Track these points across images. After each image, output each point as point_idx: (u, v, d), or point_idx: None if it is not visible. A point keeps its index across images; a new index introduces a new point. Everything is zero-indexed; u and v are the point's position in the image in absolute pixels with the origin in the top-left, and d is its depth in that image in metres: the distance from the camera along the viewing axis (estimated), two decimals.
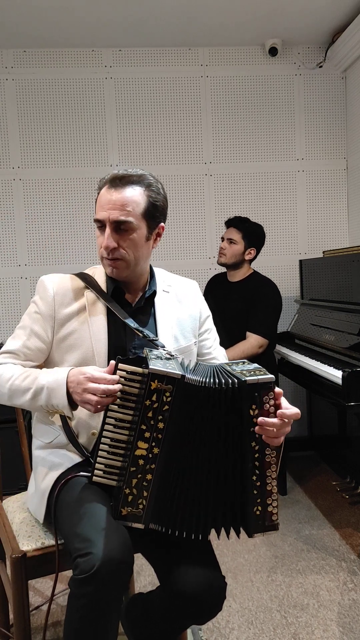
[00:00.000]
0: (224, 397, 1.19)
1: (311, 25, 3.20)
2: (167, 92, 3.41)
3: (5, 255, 3.36)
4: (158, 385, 1.16)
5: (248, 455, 1.19)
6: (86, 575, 1.07)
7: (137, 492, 1.18)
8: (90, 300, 1.43)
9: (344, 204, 3.56)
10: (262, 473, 1.20)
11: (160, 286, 1.52)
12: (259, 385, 1.18)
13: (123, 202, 1.36)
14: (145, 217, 1.40)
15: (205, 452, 1.20)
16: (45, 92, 3.34)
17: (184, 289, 1.57)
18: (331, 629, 1.79)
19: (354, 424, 2.80)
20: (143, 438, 1.18)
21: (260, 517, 1.20)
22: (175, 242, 3.46)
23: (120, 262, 1.40)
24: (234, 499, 1.21)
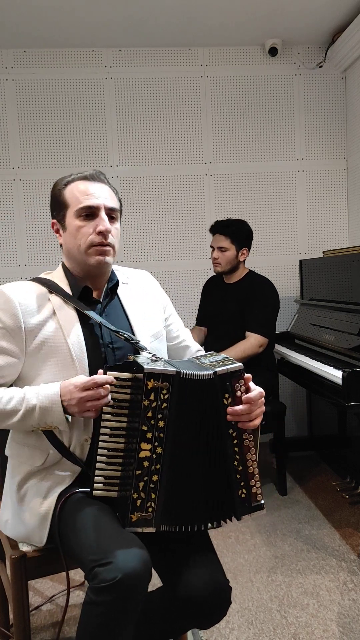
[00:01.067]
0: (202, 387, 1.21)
1: (311, 25, 3.20)
2: (167, 92, 3.41)
3: (5, 255, 3.37)
4: (155, 384, 1.17)
5: (227, 442, 1.22)
6: (107, 585, 1.06)
7: (146, 496, 1.18)
8: (57, 304, 1.38)
9: (344, 204, 3.56)
10: (243, 457, 1.23)
11: (120, 278, 1.51)
12: (228, 374, 1.22)
13: (109, 192, 1.41)
14: (120, 213, 1.46)
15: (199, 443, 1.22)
16: (45, 92, 3.34)
17: (140, 280, 1.58)
18: (331, 629, 1.79)
19: (354, 424, 2.80)
20: (145, 439, 1.18)
21: (245, 499, 1.23)
22: (176, 242, 3.46)
23: (110, 249, 1.40)
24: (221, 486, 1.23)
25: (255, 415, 1.24)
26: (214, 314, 2.97)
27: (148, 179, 3.43)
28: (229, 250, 2.82)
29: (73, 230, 1.39)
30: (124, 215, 3.39)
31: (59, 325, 1.36)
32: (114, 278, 1.49)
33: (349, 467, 2.83)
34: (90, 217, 1.37)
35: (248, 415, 1.23)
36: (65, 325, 1.36)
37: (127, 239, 3.44)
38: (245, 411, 1.22)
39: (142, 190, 3.43)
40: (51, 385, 1.29)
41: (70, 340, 1.35)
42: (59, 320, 1.36)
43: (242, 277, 2.90)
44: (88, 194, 1.37)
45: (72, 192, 1.39)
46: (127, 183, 3.42)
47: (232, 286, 2.91)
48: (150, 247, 3.46)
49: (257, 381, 2.98)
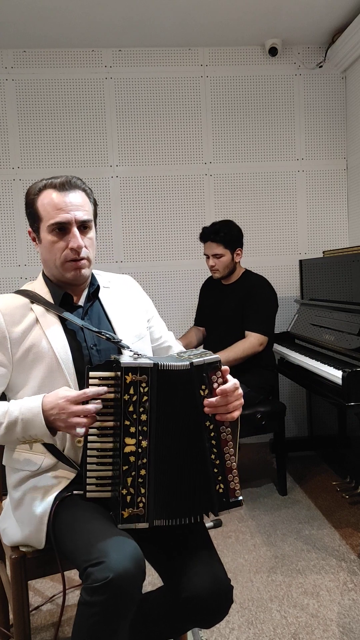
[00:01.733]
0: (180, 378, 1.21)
1: (311, 25, 3.20)
2: (167, 92, 3.41)
3: (5, 255, 3.37)
4: (133, 377, 1.18)
5: (204, 434, 1.22)
6: (99, 585, 1.06)
7: (135, 491, 1.18)
8: (40, 313, 1.40)
9: (344, 204, 3.56)
10: (220, 451, 1.22)
11: (100, 283, 1.53)
12: (205, 365, 1.21)
13: (81, 203, 1.39)
14: (94, 217, 1.46)
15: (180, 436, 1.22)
16: (45, 92, 3.34)
17: (121, 284, 1.59)
18: (331, 629, 1.79)
19: (354, 424, 2.80)
20: (129, 434, 1.18)
21: (223, 494, 1.22)
22: (176, 242, 3.46)
23: (85, 261, 1.41)
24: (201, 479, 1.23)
25: (233, 407, 1.23)
26: (212, 314, 2.97)
27: (148, 179, 3.43)
28: (225, 255, 2.81)
29: (47, 244, 1.40)
30: (124, 215, 3.41)
31: (43, 332, 1.38)
32: (94, 283, 1.51)
33: (349, 467, 2.83)
34: (62, 232, 1.38)
35: (225, 407, 1.21)
36: (48, 331, 1.38)
37: (127, 239, 3.44)
38: (221, 402, 1.21)
39: (142, 190, 3.43)
40: (34, 397, 1.30)
41: (54, 345, 1.36)
42: (42, 327, 1.38)
43: (239, 277, 2.90)
44: (59, 209, 1.37)
45: (44, 205, 1.38)
46: (127, 183, 3.42)
47: (230, 286, 2.91)
48: (149, 247, 3.46)
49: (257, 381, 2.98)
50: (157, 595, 1.34)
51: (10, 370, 1.37)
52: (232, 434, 1.24)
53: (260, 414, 2.70)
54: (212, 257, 2.84)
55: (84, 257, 1.40)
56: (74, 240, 1.37)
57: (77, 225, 1.38)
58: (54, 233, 1.38)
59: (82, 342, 1.41)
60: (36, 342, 1.37)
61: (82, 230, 1.40)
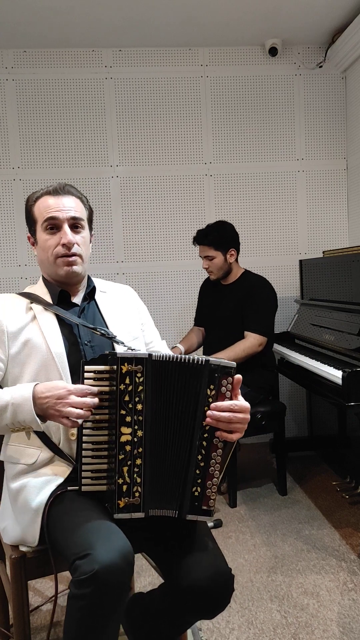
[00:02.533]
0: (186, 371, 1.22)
1: (311, 25, 3.20)
2: (167, 92, 3.41)
3: (5, 255, 3.37)
4: (128, 367, 1.20)
5: (197, 432, 1.21)
6: (86, 577, 1.07)
7: (131, 480, 1.19)
8: (38, 311, 1.46)
9: (344, 204, 3.56)
10: (208, 454, 1.21)
11: (98, 287, 1.59)
12: (220, 367, 1.21)
13: (73, 204, 1.48)
14: (88, 220, 1.53)
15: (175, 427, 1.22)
16: (45, 92, 3.34)
17: (119, 291, 1.64)
18: (331, 629, 1.79)
19: (354, 424, 2.80)
20: (125, 423, 1.20)
21: (197, 498, 1.21)
22: (176, 242, 3.46)
23: (77, 258, 1.47)
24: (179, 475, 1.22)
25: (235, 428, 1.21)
26: (211, 315, 2.97)
27: (148, 179, 3.43)
28: (216, 257, 2.82)
29: (42, 243, 1.48)
30: (124, 215, 3.41)
31: (39, 327, 1.43)
32: (90, 284, 1.57)
33: (349, 467, 2.83)
34: (54, 230, 1.46)
35: (227, 424, 1.20)
36: (44, 326, 1.43)
37: (127, 239, 3.44)
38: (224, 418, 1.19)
39: (142, 190, 3.43)
40: (26, 384, 1.31)
41: (49, 339, 1.41)
42: (39, 323, 1.44)
43: (238, 277, 2.90)
44: (52, 208, 1.45)
45: (39, 208, 1.47)
46: (127, 183, 3.42)
47: (229, 287, 2.91)
48: (149, 247, 3.46)
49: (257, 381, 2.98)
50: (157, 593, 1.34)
51: (5, 364, 1.41)
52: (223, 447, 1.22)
53: (260, 414, 2.70)
54: (205, 259, 2.86)
55: (76, 254, 1.46)
56: (65, 236, 1.44)
57: (69, 224, 1.45)
58: (47, 231, 1.46)
59: (77, 338, 1.45)
60: (32, 337, 1.41)
61: (74, 229, 1.47)
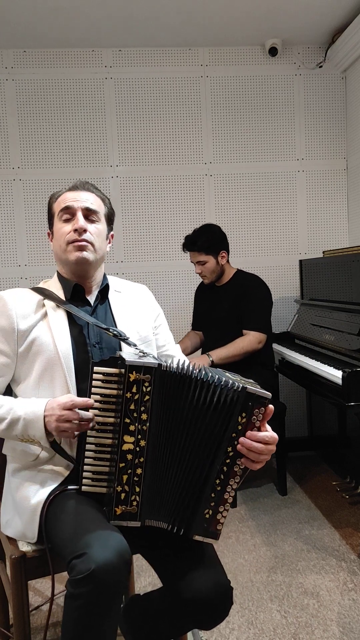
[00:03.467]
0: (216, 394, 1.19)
1: (311, 25, 3.20)
2: (167, 92, 3.41)
3: (5, 255, 3.37)
4: (137, 376, 1.18)
5: (220, 457, 1.19)
6: (82, 576, 1.07)
7: (130, 489, 1.18)
8: (50, 309, 1.46)
9: (344, 204, 3.56)
10: (226, 480, 1.20)
11: (112, 286, 1.58)
12: (255, 396, 1.18)
13: (91, 198, 1.51)
14: (106, 217, 1.55)
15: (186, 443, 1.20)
16: (45, 92, 3.34)
17: (135, 291, 1.63)
18: (331, 629, 1.79)
19: (354, 424, 2.80)
20: (128, 432, 1.18)
21: (207, 520, 1.20)
22: (176, 242, 3.46)
23: (88, 244, 1.47)
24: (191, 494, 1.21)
25: (264, 458, 1.21)
26: (208, 317, 2.98)
27: (148, 179, 3.43)
28: (208, 261, 2.83)
29: (57, 233, 1.50)
30: (124, 215, 3.41)
31: (48, 326, 1.42)
32: (105, 282, 1.57)
33: (349, 467, 2.83)
34: (69, 220, 1.48)
35: (257, 454, 1.20)
36: (54, 325, 1.42)
37: (127, 239, 3.44)
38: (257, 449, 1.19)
39: (142, 190, 3.43)
40: (40, 400, 1.33)
41: (56, 338, 1.40)
42: (49, 321, 1.43)
43: (231, 278, 2.90)
44: (68, 200, 1.49)
45: (58, 202, 1.52)
46: (127, 183, 3.42)
47: (223, 288, 2.92)
48: (149, 247, 3.46)
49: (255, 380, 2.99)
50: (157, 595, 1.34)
51: (14, 361, 1.42)
52: (242, 471, 1.22)
53: None
54: (197, 265, 2.86)
55: (86, 240, 1.46)
56: (77, 222, 1.46)
57: (83, 213, 1.48)
58: (62, 220, 1.48)
59: (86, 339, 1.44)
60: (40, 335, 1.41)
61: (88, 219, 1.48)
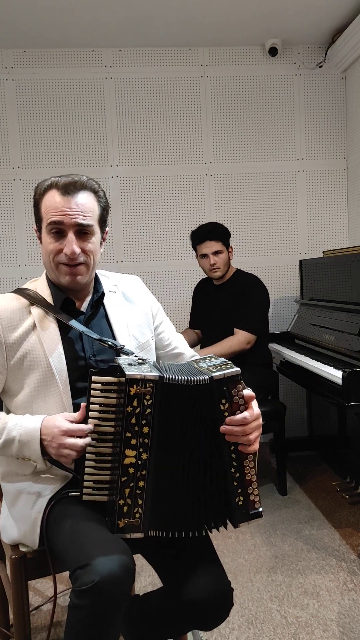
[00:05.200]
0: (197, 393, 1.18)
1: (311, 25, 3.20)
2: (167, 92, 3.41)
3: (5, 255, 3.37)
4: (137, 389, 1.15)
5: (224, 448, 1.20)
6: (85, 588, 1.06)
7: (132, 502, 1.16)
8: (38, 317, 1.36)
9: (344, 204, 3.56)
10: (240, 464, 1.20)
11: (106, 288, 1.48)
12: (225, 379, 1.18)
13: (83, 207, 1.33)
14: (100, 222, 1.40)
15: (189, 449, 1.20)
16: (45, 92, 3.34)
17: (129, 287, 1.54)
18: (331, 629, 1.79)
19: (354, 424, 2.80)
20: (130, 445, 1.16)
21: (243, 506, 1.21)
22: (176, 242, 3.46)
23: (82, 267, 1.36)
24: (218, 492, 1.21)
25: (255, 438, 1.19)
26: (206, 316, 2.99)
27: (148, 179, 3.43)
28: (223, 252, 2.84)
29: (45, 245, 1.37)
30: (124, 215, 3.41)
31: (39, 339, 1.34)
32: (99, 289, 1.47)
33: (349, 467, 2.83)
34: (59, 235, 1.34)
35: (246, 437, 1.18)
36: (45, 338, 1.34)
37: (127, 239, 3.44)
38: (239, 432, 1.18)
39: (142, 190, 3.43)
40: (34, 419, 1.28)
41: (49, 353, 1.33)
42: (39, 333, 1.34)
43: (231, 277, 2.92)
44: (57, 209, 1.32)
45: (46, 205, 1.34)
46: (127, 183, 3.42)
47: (222, 286, 2.93)
48: (149, 247, 3.46)
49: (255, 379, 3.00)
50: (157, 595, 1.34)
51: (4, 375, 1.35)
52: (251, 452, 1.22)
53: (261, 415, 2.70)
54: (213, 255, 2.83)
55: (81, 263, 1.35)
56: (68, 246, 1.32)
57: (75, 230, 1.33)
58: (51, 234, 1.34)
59: (80, 351, 1.38)
60: (32, 349, 1.34)
61: (81, 235, 1.34)
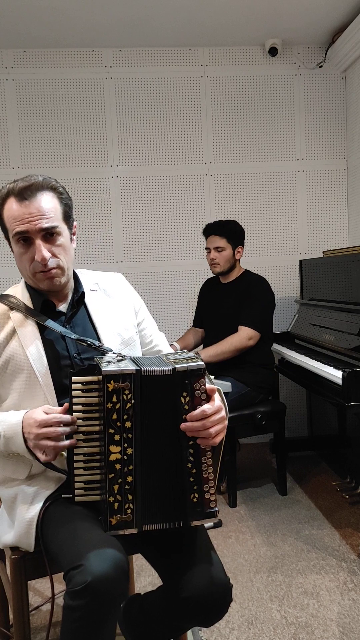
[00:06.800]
0: (166, 383, 1.18)
1: (311, 25, 3.20)
2: (167, 92, 3.41)
3: (5, 255, 3.37)
4: (115, 385, 1.15)
5: (183, 443, 1.19)
6: (79, 589, 1.06)
7: (122, 498, 1.16)
8: (18, 321, 1.36)
9: (344, 204, 3.56)
10: (197, 460, 1.19)
11: (86, 286, 1.47)
12: (188, 372, 1.17)
13: (43, 210, 1.31)
14: (64, 219, 1.38)
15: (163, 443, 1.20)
16: (45, 92, 3.34)
17: (111, 284, 1.53)
18: (331, 629, 1.79)
19: (354, 424, 2.80)
20: (114, 442, 1.16)
21: (197, 504, 1.19)
22: (176, 242, 3.46)
23: (57, 270, 1.35)
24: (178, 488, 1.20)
25: (215, 431, 1.17)
26: (211, 314, 2.98)
27: (148, 179, 3.43)
28: (226, 249, 2.83)
29: (16, 255, 1.37)
30: (124, 216, 3.41)
31: (20, 344, 1.35)
32: (79, 289, 1.46)
33: (349, 467, 2.83)
34: (27, 242, 1.33)
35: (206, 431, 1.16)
36: (25, 342, 1.35)
37: (127, 239, 3.44)
38: (199, 427, 1.16)
39: (142, 190, 3.43)
40: (17, 414, 1.29)
41: (31, 357, 1.34)
42: (20, 337, 1.35)
43: (238, 277, 2.91)
44: (19, 219, 1.30)
45: (7, 216, 1.33)
46: (127, 183, 3.42)
47: (228, 286, 2.92)
48: (149, 247, 3.46)
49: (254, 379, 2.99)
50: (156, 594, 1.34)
51: None
52: (212, 449, 1.20)
53: (260, 414, 2.70)
54: (214, 250, 2.85)
55: (54, 267, 1.34)
56: (38, 253, 1.31)
57: (42, 235, 1.32)
58: (19, 244, 1.33)
59: (64, 351, 1.38)
60: (14, 354, 1.34)
61: (48, 238, 1.33)
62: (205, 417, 1.17)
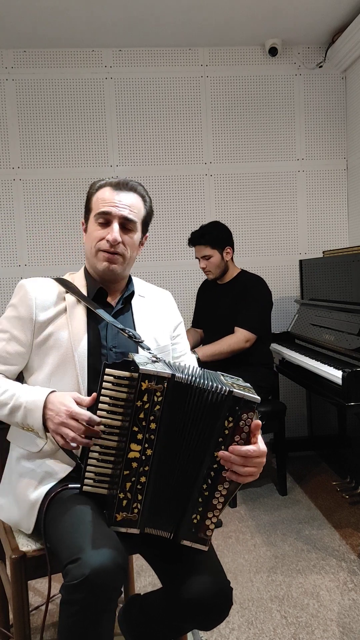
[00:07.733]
0: (209, 400, 1.18)
1: (311, 25, 3.20)
2: (167, 92, 3.41)
3: (5, 255, 3.37)
4: (149, 385, 1.16)
5: (207, 461, 1.18)
6: (76, 582, 1.06)
7: (132, 496, 1.17)
8: (71, 304, 1.44)
9: (344, 204, 3.56)
10: (214, 484, 1.19)
11: (137, 291, 1.56)
12: (243, 401, 1.17)
13: (131, 204, 1.45)
14: (142, 223, 1.50)
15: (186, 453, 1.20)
16: (45, 92, 3.34)
17: (159, 297, 1.62)
18: (331, 629, 1.79)
19: (354, 424, 2.80)
20: (135, 440, 1.17)
21: (195, 525, 1.20)
22: (175, 242, 3.46)
23: (119, 257, 1.44)
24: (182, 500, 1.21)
25: (248, 472, 1.18)
26: (209, 315, 2.99)
27: (148, 179, 3.43)
28: (213, 256, 2.84)
29: (90, 232, 1.48)
30: None
31: (67, 322, 1.42)
32: (130, 288, 1.55)
33: (349, 467, 2.83)
34: (105, 225, 1.44)
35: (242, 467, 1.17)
36: (72, 322, 1.42)
37: None
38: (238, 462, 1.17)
39: None
40: (42, 389, 1.32)
41: (73, 336, 1.40)
42: (68, 317, 1.42)
43: (234, 277, 2.91)
44: (108, 201, 1.43)
45: (97, 198, 1.46)
46: None
47: (225, 286, 2.92)
48: (150, 247, 3.45)
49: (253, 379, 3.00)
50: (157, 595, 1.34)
51: (28, 351, 1.41)
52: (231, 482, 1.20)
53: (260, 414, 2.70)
54: (202, 259, 2.87)
55: (118, 253, 1.43)
56: (112, 234, 1.42)
57: (120, 222, 1.43)
58: (97, 223, 1.44)
59: (103, 340, 1.44)
60: (57, 330, 1.41)
61: (124, 229, 1.44)
62: (248, 457, 1.17)
